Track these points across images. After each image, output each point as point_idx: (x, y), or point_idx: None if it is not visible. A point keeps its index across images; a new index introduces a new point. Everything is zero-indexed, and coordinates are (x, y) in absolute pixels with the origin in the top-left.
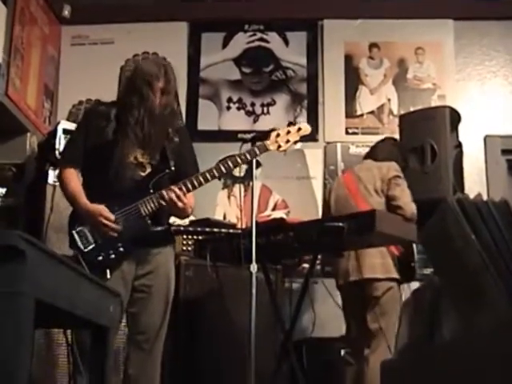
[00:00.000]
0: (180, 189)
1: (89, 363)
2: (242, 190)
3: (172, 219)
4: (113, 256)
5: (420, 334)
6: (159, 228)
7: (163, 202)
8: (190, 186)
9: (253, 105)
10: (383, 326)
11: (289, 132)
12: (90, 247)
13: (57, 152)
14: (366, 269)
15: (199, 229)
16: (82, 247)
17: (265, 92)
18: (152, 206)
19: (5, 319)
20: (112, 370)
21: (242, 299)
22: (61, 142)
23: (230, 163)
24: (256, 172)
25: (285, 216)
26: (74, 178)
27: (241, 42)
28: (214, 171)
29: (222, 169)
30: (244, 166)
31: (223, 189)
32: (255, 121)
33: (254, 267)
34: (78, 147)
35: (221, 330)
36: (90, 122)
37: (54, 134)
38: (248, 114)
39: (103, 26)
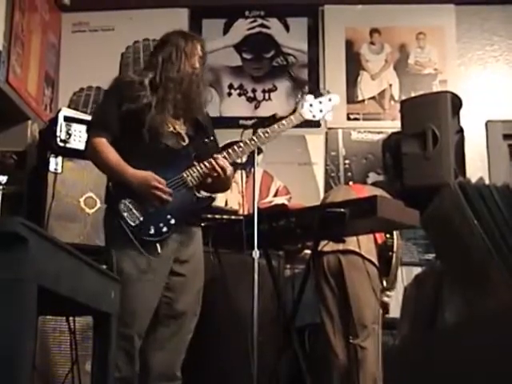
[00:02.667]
0: (225, 157)
1: (92, 349)
2: (244, 176)
3: None
4: (165, 229)
5: (423, 319)
6: (207, 202)
7: (213, 172)
8: (232, 154)
9: (254, 91)
10: (373, 315)
11: (321, 102)
12: (139, 221)
13: (58, 139)
14: (352, 243)
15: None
16: (130, 222)
17: (266, 78)
18: (198, 175)
19: (8, 306)
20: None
21: (244, 285)
22: (62, 130)
23: (270, 132)
24: (257, 158)
25: (286, 202)
26: (111, 149)
27: (241, 28)
28: (255, 139)
29: (263, 138)
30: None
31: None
32: (256, 107)
33: (256, 253)
34: (109, 114)
35: (223, 316)
36: (124, 89)
37: (55, 121)
38: (249, 100)
39: (104, 12)
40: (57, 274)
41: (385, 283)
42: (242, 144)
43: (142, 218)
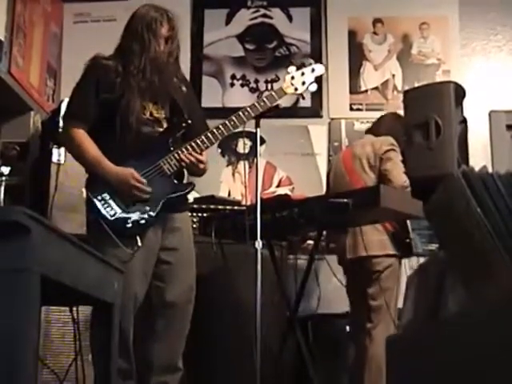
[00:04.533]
0: (194, 150)
1: (94, 339)
2: (247, 166)
3: None
4: (143, 221)
5: (425, 308)
6: (186, 189)
7: (183, 164)
8: (207, 143)
9: (256, 81)
10: (384, 301)
11: (303, 74)
12: (117, 215)
13: (60, 130)
14: (361, 247)
15: (204, 206)
16: (107, 215)
17: (268, 68)
18: (176, 163)
19: (11, 296)
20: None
21: (247, 276)
22: None
23: (249, 110)
24: (260, 149)
25: (289, 192)
26: (89, 141)
27: (244, 18)
28: (235, 119)
29: (243, 117)
30: (248, 143)
31: (228, 166)
32: (259, 97)
33: (259, 244)
34: (86, 102)
35: (226, 307)
36: (100, 76)
37: (57, 112)
38: (252, 90)
39: (105, 3)
40: (60, 264)
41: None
42: (221, 126)
43: (119, 211)
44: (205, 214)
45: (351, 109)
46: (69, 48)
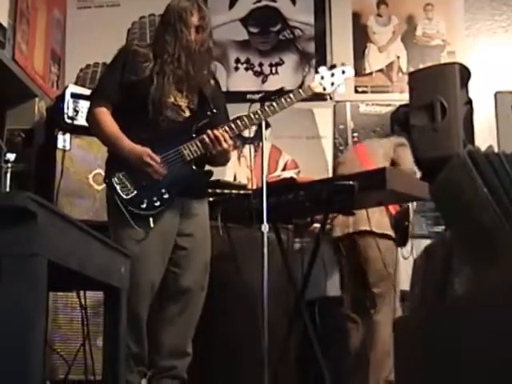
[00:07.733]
0: (225, 131)
1: (103, 324)
2: (252, 150)
3: None
4: (157, 203)
5: (433, 290)
6: (204, 176)
7: (209, 144)
8: (234, 128)
9: (261, 65)
10: (386, 288)
11: (333, 74)
12: (132, 194)
13: (65, 116)
14: (362, 222)
15: (210, 190)
16: (122, 194)
17: (273, 52)
18: (196, 149)
19: (18, 281)
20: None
21: (253, 260)
22: (69, 106)
23: (275, 105)
24: (265, 132)
25: (295, 176)
26: (110, 119)
27: (247, 1)
28: (260, 113)
29: (268, 111)
30: (253, 127)
31: (233, 150)
32: (264, 81)
33: (265, 227)
34: (111, 83)
35: (233, 291)
36: (128, 59)
37: (62, 98)
38: (256, 74)
39: None
40: (67, 249)
41: (405, 253)
42: (245, 118)
43: (135, 191)
44: (211, 199)
45: (356, 91)
46: (72, 34)
